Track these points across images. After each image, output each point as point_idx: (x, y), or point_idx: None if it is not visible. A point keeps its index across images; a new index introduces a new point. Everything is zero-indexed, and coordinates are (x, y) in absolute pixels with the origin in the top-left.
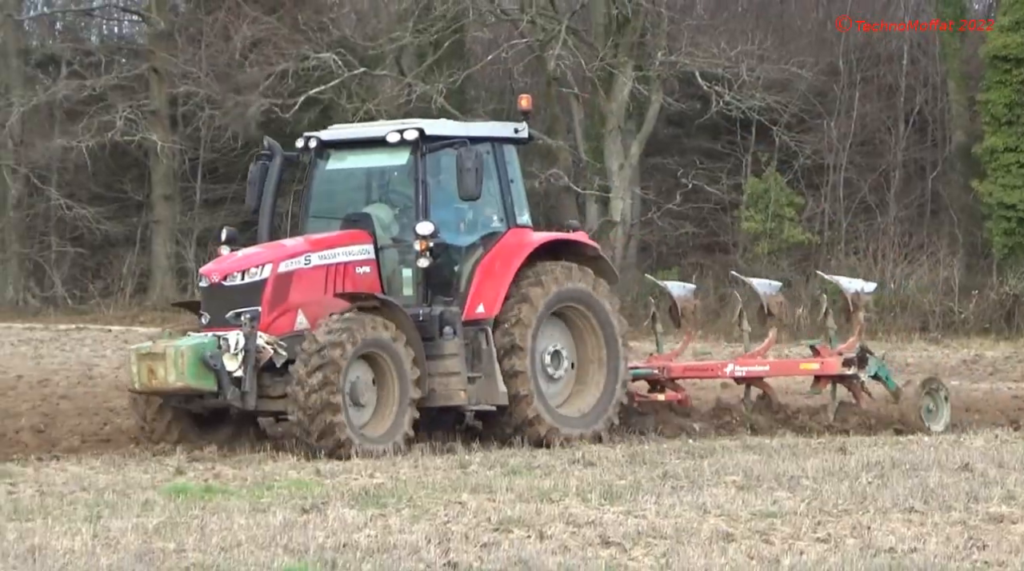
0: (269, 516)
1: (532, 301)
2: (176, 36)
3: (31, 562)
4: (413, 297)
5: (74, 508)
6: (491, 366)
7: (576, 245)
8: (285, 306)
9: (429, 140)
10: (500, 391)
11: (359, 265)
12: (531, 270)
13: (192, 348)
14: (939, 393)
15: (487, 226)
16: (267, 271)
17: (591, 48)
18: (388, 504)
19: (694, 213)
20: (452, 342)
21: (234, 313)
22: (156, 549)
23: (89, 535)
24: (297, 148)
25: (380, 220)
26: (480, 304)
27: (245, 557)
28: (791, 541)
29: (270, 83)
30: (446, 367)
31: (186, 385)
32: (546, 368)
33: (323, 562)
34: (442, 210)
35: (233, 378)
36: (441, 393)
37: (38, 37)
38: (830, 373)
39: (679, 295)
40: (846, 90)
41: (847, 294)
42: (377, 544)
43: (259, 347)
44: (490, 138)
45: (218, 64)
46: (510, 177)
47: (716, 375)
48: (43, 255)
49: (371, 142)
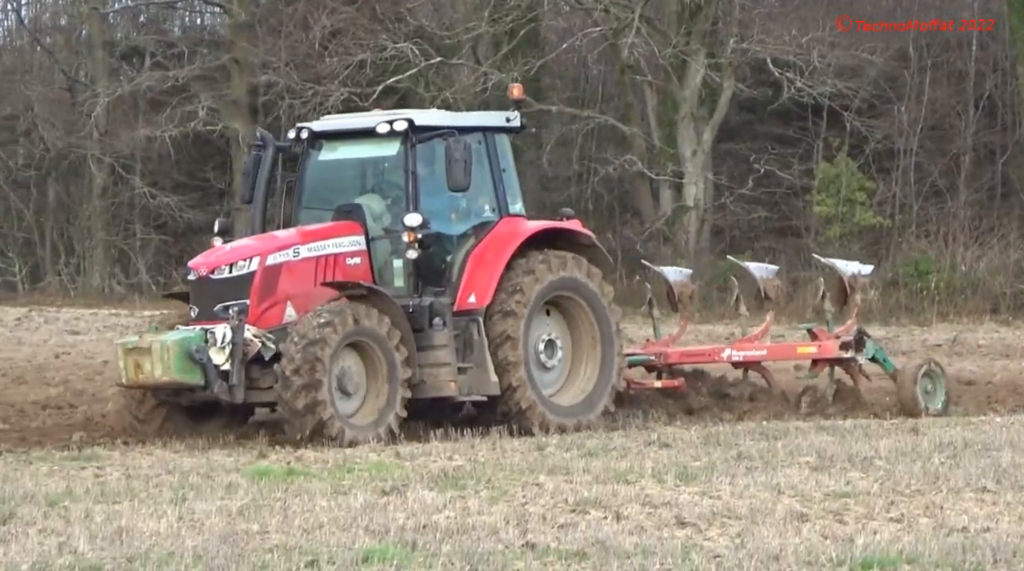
0: (350, 498)
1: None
2: (257, 27)
3: (118, 544)
4: (404, 288)
5: (160, 491)
6: (482, 356)
7: (570, 234)
8: (274, 299)
9: (419, 130)
10: (492, 381)
11: (350, 256)
12: (524, 259)
13: (178, 342)
14: (937, 374)
15: (479, 215)
16: (255, 264)
17: (664, 36)
18: (467, 486)
19: (766, 198)
20: (442, 333)
21: (222, 306)
22: (240, 531)
23: (174, 517)
24: (289, 139)
25: (371, 211)
26: (472, 294)
27: (327, 538)
28: (864, 521)
29: (349, 73)
30: (436, 358)
31: (172, 379)
32: (539, 357)
33: (403, 543)
34: (433, 200)
35: (220, 371)
36: (431, 384)
37: (122, 29)
38: (828, 356)
39: (675, 280)
40: (916, 75)
41: (844, 277)
42: (456, 525)
43: (247, 340)
44: (481, 127)
45: (298, 54)
46: (502, 166)
47: (713, 360)
48: (128, 243)
49: (362, 133)
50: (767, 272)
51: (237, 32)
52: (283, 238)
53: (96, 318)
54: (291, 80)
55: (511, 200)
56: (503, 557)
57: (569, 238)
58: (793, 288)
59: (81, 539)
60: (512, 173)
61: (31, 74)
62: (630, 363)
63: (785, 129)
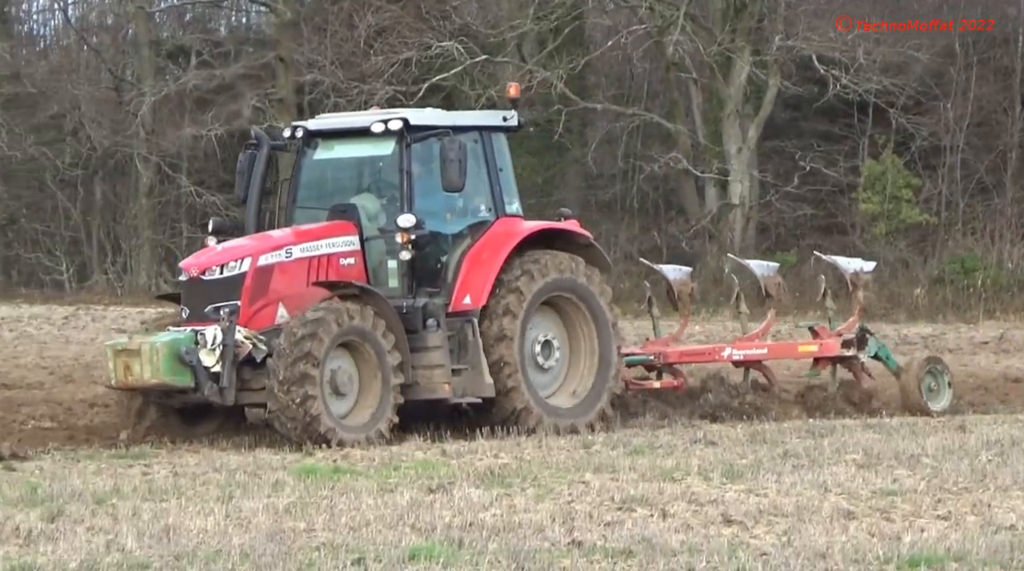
0: (396, 496)
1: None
2: (302, 25)
3: (165, 541)
4: (399, 288)
5: (207, 488)
6: (477, 358)
7: (568, 234)
8: (265, 300)
9: (414, 130)
10: (486, 383)
11: (343, 257)
12: (520, 260)
13: (167, 344)
14: (940, 372)
15: (475, 215)
16: (246, 265)
17: (709, 33)
18: (513, 484)
19: (812, 195)
20: (436, 334)
21: (213, 308)
22: (286, 528)
23: (221, 515)
24: (284, 138)
25: (366, 210)
26: (467, 295)
27: (373, 536)
28: (912, 519)
29: (394, 71)
30: (430, 360)
31: (162, 381)
32: (536, 358)
33: (450, 541)
34: (428, 199)
35: (211, 373)
36: (425, 386)
37: (168, 28)
38: (829, 355)
39: (675, 278)
40: (962, 72)
41: (846, 274)
42: (503, 523)
43: (238, 342)
44: (477, 127)
45: (343, 52)
46: (499, 165)
47: (714, 359)
48: (174, 241)
49: (357, 132)
50: (768, 270)
51: (283, 31)
52: (275, 238)
53: (143, 316)
54: (336, 78)
55: (508, 200)
56: (549, 555)
57: (567, 238)
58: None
59: (129, 537)
60: (509, 173)
61: (78, 73)
62: (629, 363)
63: (831, 126)
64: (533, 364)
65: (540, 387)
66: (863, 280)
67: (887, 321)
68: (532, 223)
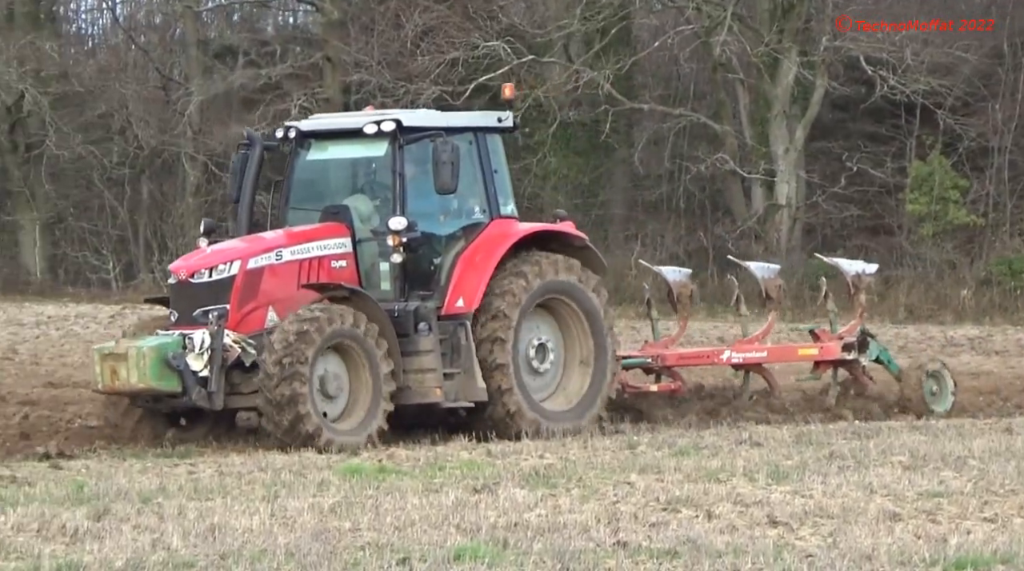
0: (441, 496)
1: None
2: (349, 25)
3: (211, 540)
4: (391, 291)
5: (252, 488)
6: (470, 362)
7: (563, 236)
8: (255, 303)
9: (407, 131)
10: (479, 387)
11: (335, 259)
12: (514, 262)
13: (154, 348)
14: (941, 375)
15: (469, 217)
16: (235, 268)
17: (756, 34)
18: (558, 484)
19: (859, 196)
20: (427, 338)
21: (202, 311)
22: (332, 528)
23: (267, 514)
24: (277, 138)
25: (359, 212)
26: (460, 298)
27: (419, 536)
28: (958, 521)
29: (440, 71)
30: (421, 363)
31: (148, 386)
32: (530, 361)
33: (495, 541)
34: (421, 201)
35: (198, 378)
36: (416, 390)
37: (216, 28)
38: (829, 358)
39: (675, 279)
40: (1010, 73)
41: (847, 276)
42: (547, 523)
43: (226, 346)
44: (472, 128)
45: (390, 52)
46: (494, 167)
47: (713, 362)
48: None
49: (350, 133)
50: (768, 272)
51: (329, 30)
52: (265, 241)
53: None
54: (383, 78)
55: (503, 201)
56: (594, 556)
57: (563, 240)
58: (885, 287)
59: (174, 536)
60: (504, 174)
61: (126, 72)
62: (626, 366)
63: (878, 127)
64: (527, 367)
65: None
66: (865, 282)
67: (933, 323)
68: (526, 225)
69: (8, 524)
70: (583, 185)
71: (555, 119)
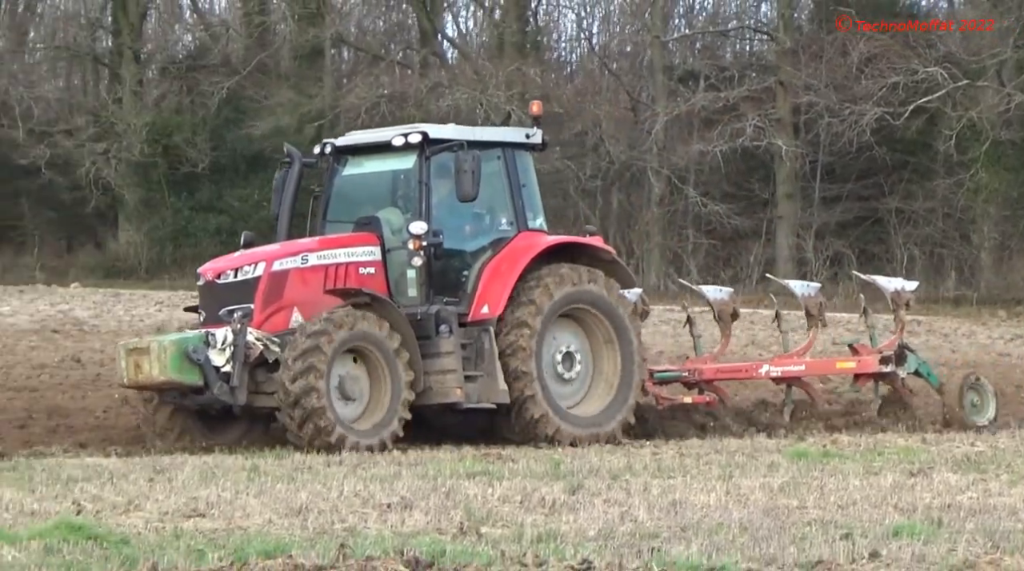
0: (880, 478)
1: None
2: (800, 52)
3: (672, 514)
4: (417, 297)
5: (709, 468)
6: (492, 365)
7: (592, 249)
8: (279, 304)
9: (432, 143)
10: (500, 389)
11: (363, 266)
12: (539, 272)
13: (175, 342)
14: (982, 387)
15: (496, 230)
16: (260, 269)
17: None
18: (988, 470)
19: None
20: (448, 340)
21: (227, 310)
22: (780, 505)
23: (722, 492)
24: (315, 154)
25: (390, 223)
26: (485, 305)
27: (859, 514)
28: None
29: (882, 94)
30: (442, 365)
31: (169, 379)
32: (556, 368)
33: (930, 520)
34: (449, 213)
35: (221, 373)
36: (437, 390)
37: (680, 55)
38: (867, 371)
39: (715, 298)
40: None
41: (886, 293)
42: (978, 505)
43: (249, 343)
44: (500, 143)
45: (836, 77)
46: (522, 182)
47: (751, 376)
48: (681, 246)
49: (380, 146)
50: (809, 289)
51: (782, 57)
52: (293, 246)
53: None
54: (830, 100)
55: (531, 216)
56: (1023, 536)
57: (592, 254)
58: None
59: (640, 509)
60: (533, 189)
61: (599, 95)
62: (660, 379)
63: None
64: (554, 375)
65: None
66: (904, 299)
67: None
68: (553, 238)
69: (495, 496)
70: (1012, 198)
71: (988, 138)
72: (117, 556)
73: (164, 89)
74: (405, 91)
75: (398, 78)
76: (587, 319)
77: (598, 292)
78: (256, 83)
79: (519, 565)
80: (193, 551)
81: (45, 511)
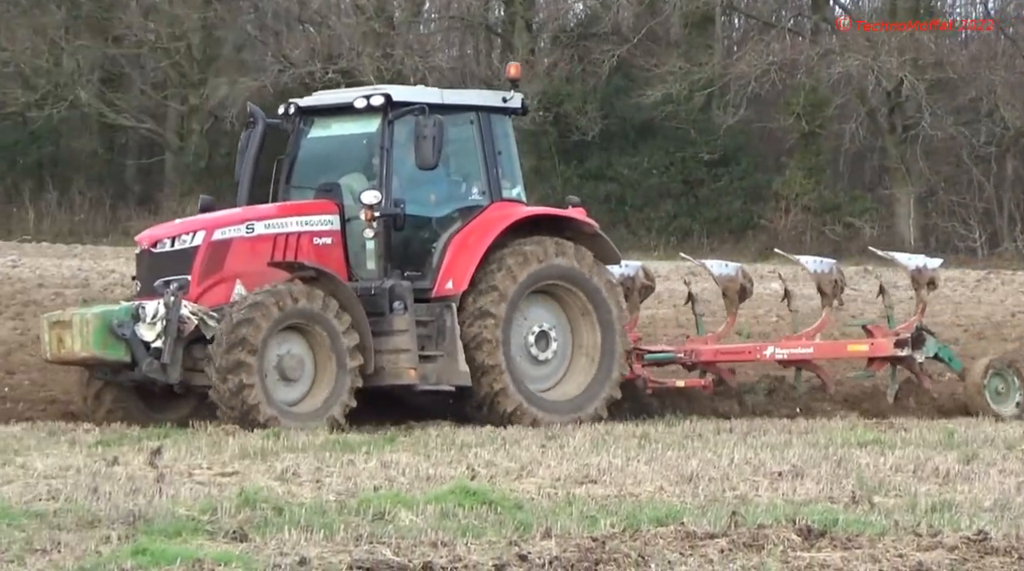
0: None
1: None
2: None
3: None
4: (376, 271)
5: None
6: (453, 345)
7: (572, 222)
8: (220, 276)
9: (396, 106)
10: (461, 370)
11: (318, 236)
12: (501, 252)
13: (98, 316)
14: (1008, 374)
15: (465, 199)
16: (199, 238)
17: None
18: None
19: None
20: (402, 318)
21: (162, 282)
22: None
23: None
24: (279, 115)
25: (352, 190)
26: (450, 280)
27: None
28: None
29: None
30: (395, 344)
31: (92, 355)
32: (530, 351)
33: None
34: (414, 181)
35: (151, 349)
36: (389, 371)
37: None
38: (881, 355)
39: (720, 274)
40: None
41: (907, 271)
42: None
43: (183, 317)
44: (473, 107)
45: None
46: (497, 149)
47: (755, 358)
48: None
49: (344, 109)
50: (823, 266)
51: None
52: (237, 213)
53: None
54: None
55: (507, 184)
56: None
57: (573, 227)
58: None
59: None
60: (511, 156)
61: (995, 60)
62: (652, 360)
63: None
64: (528, 358)
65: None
66: (927, 277)
67: None
68: (528, 209)
69: (887, 465)
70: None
71: None
72: (511, 521)
73: (555, 58)
74: (795, 58)
75: (788, 45)
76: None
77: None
78: (646, 51)
79: (913, 535)
80: (586, 517)
81: (440, 476)
